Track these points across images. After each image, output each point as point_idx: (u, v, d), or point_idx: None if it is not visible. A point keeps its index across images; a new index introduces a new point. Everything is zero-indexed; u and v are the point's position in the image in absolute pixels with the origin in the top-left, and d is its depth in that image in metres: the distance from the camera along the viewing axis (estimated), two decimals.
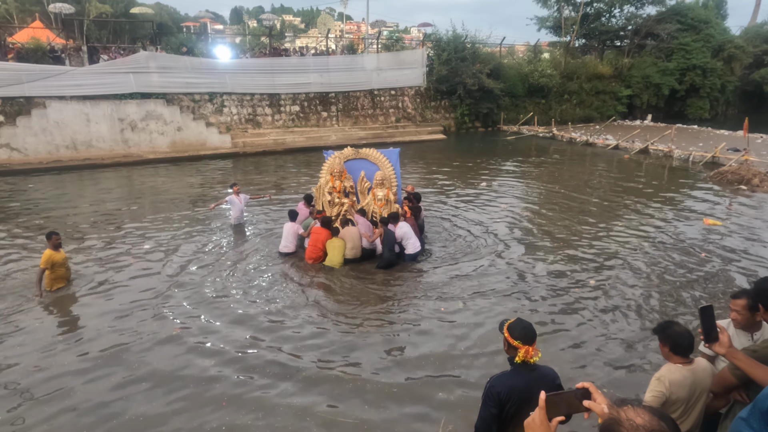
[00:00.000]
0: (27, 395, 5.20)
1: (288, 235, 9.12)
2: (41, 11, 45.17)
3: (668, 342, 2.98)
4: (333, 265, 8.56)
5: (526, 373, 2.98)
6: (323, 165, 9.91)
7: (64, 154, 18.76)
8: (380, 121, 26.84)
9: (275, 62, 24.20)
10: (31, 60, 19.11)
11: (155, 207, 12.76)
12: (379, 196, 9.46)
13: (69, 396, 5.20)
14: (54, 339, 6.33)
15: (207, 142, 21.26)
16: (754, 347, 2.99)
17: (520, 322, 3.05)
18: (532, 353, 2.95)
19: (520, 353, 2.94)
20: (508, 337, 3.00)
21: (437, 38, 28.73)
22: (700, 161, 18.31)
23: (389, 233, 8.61)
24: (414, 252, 8.75)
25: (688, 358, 2.97)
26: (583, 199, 13.43)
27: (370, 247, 8.94)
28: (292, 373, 5.60)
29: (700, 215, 11.70)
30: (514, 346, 2.97)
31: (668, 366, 2.98)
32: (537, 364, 3.02)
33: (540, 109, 29.97)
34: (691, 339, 2.96)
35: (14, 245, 9.87)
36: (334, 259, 8.59)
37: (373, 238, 8.88)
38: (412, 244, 8.72)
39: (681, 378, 2.90)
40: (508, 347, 3.04)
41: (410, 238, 8.72)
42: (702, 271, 8.41)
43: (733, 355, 2.68)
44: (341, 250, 8.63)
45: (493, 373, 3.20)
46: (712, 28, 32.77)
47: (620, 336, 6.39)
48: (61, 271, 7.66)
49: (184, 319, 6.87)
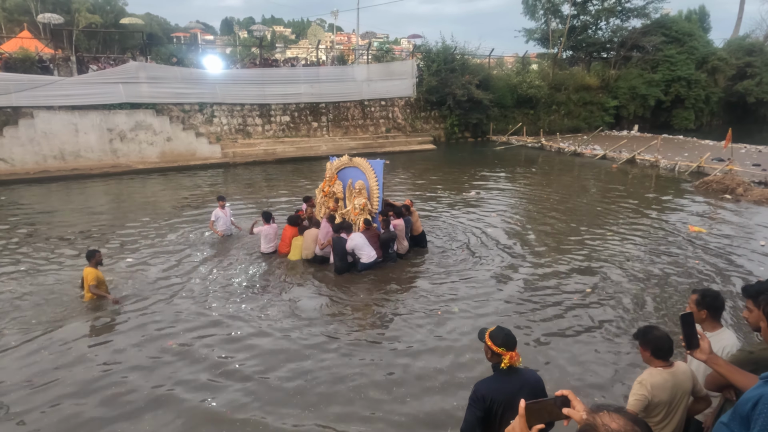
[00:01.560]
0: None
1: (269, 236, 9.72)
2: (30, 21, 44.98)
3: (649, 346, 3.04)
4: (292, 258, 9.39)
5: (510, 377, 3.02)
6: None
7: (51, 164, 18.60)
8: (370, 132, 26.96)
9: (266, 73, 24.27)
10: (19, 70, 18.99)
11: (140, 218, 12.64)
12: (356, 204, 9.58)
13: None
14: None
15: (197, 153, 21.20)
16: (750, 348, 3.04)
17: (501, 330, 3.09)
18: (515, 358, 3.00)
19: (505, 359, 2.99)
20: (492, 345, 3.04)
21: (427, 49, 29.00)
22: (685, 171, 18.59)
23: (339, 242, 8.72)
24: (368, 262, 8.74)
25: (669, 362, 3.03)
26: (572, 208, 13.58)
27: (321, 254, 9.20)
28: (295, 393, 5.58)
29: (687, 223, 11.88)
30: (498, 353, 3.01)
31: (650, 370, 3.03)
32: (520, 368, 3.07)
33: (529, 119, 30.29)
34: (670, 342, 3.02)
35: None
36: (292, 256, 9.44)
37: (323, 245, 9.09)
38: (367, 255, 8.73)
39: (662, 381, 2.95)
40: (491, 355, 3.08)
41: (363, 249, 8.72)
42: (689, 277, 8.53)
43: (714, 362, 2.72)
44: (299, 248, 9.38)
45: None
46: (695, 41, 33.45)
47: (610, 342, 6.45)
48: (103, 287, 7.63)
49: (177, 332, 6.81)
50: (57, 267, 9.13)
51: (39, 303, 7.61)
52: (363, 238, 8.79)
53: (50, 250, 10.02)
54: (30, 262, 9.38)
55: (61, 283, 8.33)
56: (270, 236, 9.76)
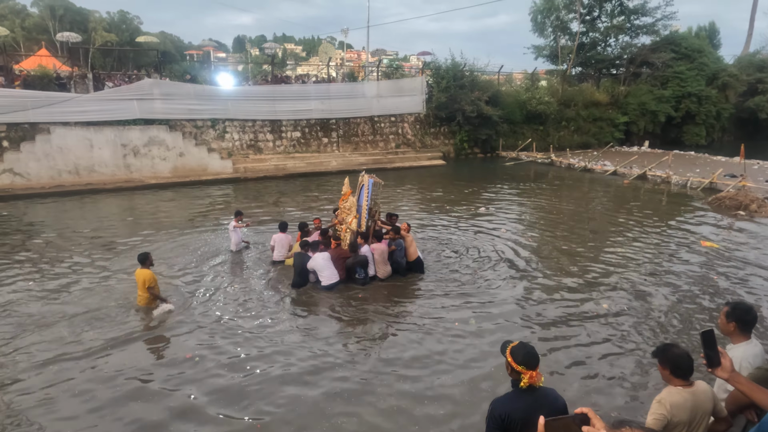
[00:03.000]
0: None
1: (282, 245, 10.05)
2: (47, 39, 46.14)
3: (668, 365, 2.99)
4: (288, 263, 9.74)
5: (529, 395, 2.96)
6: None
7: (66, 179, 18.89)
8: (380, 147, 27.11)
9: (277, 89, 24.59)
10: (37, 87, 19.44)
11: (152, 232, 12.75)
12: (347, 220, 9.67)
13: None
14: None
15: (208, 168, 21.44)
16: (767, 366, 3.00)
17: (523, 347, 3.00)
18: (536, 378, 2.92)
19: (524, 379, 2.92)
20: (511, 362, 2.98)
21: (436, 66, 29.24)
22: (698, 187, 18.44)
23: (300, 258, 8.76)
24: (329, 284, 8.60)
25: (689, 381, 2.98)
26: (584, 224, 13.49)
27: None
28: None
29: (700, 238, 11.77)
30: (518, 371, 2.94)
31: (669, 389, 2.98)
32: (540, 386, 2.99)
33: (538, 135, 30.32)
34: (690, 361, 2.97)
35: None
36: (289, 261, 9.77)
37: (286, 256, 9.84)
38: (327, 276, 8.60)
39: (682, 400, 2.90)
40: (511, 371, 3.01)
41: (323, 270, 8.58)
42: (704, 293, 8.41)
43: (736, 380, 2.67)
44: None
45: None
46: (705, 57, 33.44)
47: (627, 359, 6.35)
48: (156, 288, 7.91)
49: (194, 343, 6.84)
50: (77, 277, 9.23)
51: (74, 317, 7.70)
52: (325, 259, 8.63)
53: (70, 262, 10.13)
54: (57, 274, 9.50)
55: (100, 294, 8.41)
56: (283, 245, 10.07)
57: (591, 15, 33.66)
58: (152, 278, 7.78)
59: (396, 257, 9.24)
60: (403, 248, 9.30)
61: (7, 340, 6.88)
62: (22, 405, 5.43)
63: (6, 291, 8.71)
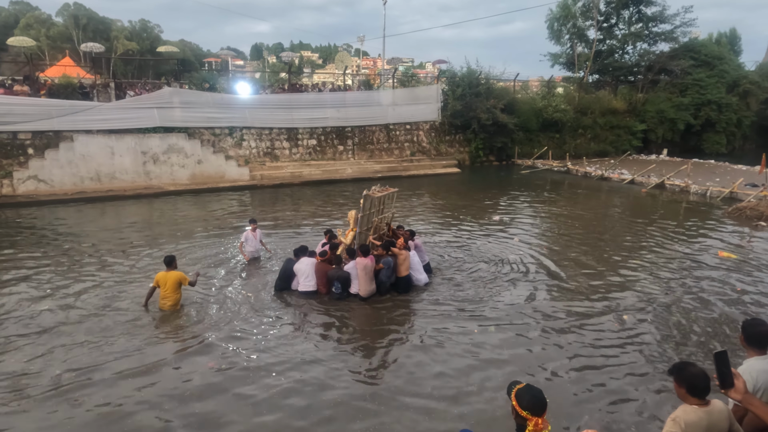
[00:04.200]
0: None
1: (309, 271, 8.80)
2: (71, 48, 47.34)
3: (684, 383, 2.97)
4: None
5: None
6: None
7: (88, 185, 19.32)
8: (395, 155, 27.21)
9: (293, 98, 24.87)
10: (61, 96, 19.95)
11: (169, 238, 12.96)
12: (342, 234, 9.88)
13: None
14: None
15: (226, 175, 21.74)
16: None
17: (529, 390, 2.86)
18: (541, 426, 2.75)
19: (529, 426, 2.74)
20: (516, 406, 2.82)
21: (452, 74, 29.30)
22: (717, 196, 18.16)
23: (287, 262, 9.02)
24: (304, 290, 8.72)
25: (705, 400, 2.96)
26: (601, 234, 13.38)
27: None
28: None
29: (719, 249, 11.60)
30: (523, 416, 2.79)
31: (684, 407, 2.97)
32: None
33: (554, 143, 30.15)
34: (707, 380, 2.95)
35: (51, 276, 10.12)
36: None
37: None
38: (303, 283, 8.74)
39: (697, 419, 2.89)
40: (515, 415, 2.84)
41: (300, 275, 8.75)
42: (725, 305, 8.28)
43: (750, 402, 2.65)
44: None
45: None
46: (726, 64, 33.01)
47: (642, 376, 6.28)
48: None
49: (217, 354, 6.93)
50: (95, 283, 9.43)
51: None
52: (308, 265, 8.70)
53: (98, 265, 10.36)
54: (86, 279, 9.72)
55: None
56: (310, 272, 8.84)
57: (608, 22, 33.50)
58: (185, 277, 8.16)
59: (381, 276, 8.74)
60: (391, 267, 8.78)
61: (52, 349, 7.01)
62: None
63: (37, 296, 8.94)
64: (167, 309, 8.07)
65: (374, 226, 9.79)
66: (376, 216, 9.79)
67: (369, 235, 9.61)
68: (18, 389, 5.93)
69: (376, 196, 9.49)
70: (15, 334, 7.39)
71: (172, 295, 8.05)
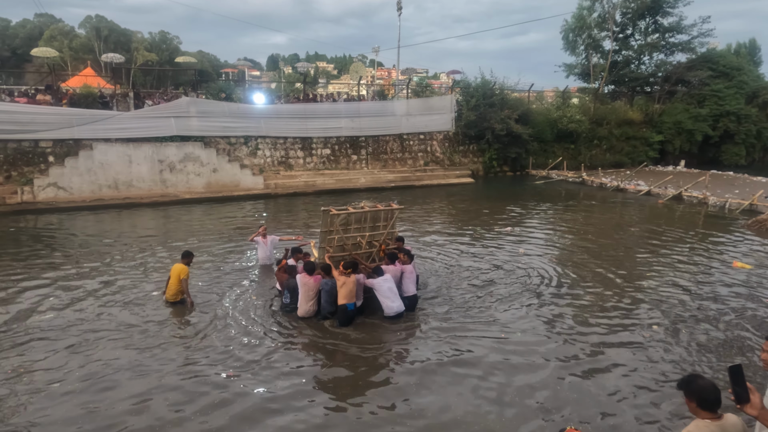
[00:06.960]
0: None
1: (311, 291, 8.21)
2: (93, 59, 48.44)
3: (694, 397, 2.92)
4: None
5: None
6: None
7: (106, 193, 19.66)
8: (409, 165, 27.25)
9: (308, 108, 25.09)
10: (82, 105, 20.41)
11: (183, 244, 13.06)
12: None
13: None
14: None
15: (240, 184, 21.96)
16: None
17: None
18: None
19: None
20: None
21: (466, 84, 29.32)
22: (736, 209, 17.84)
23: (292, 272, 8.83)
24: (285, 301, 8.51)
25: (717, 413, 2.90)
26: (617, 246, 13.21)
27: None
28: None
29: (735, 260, 11.39)
30: None
31: (696, 422, 2.91)
32: None
33: (569, 154, 29.92)
34: (717, 393, 2.89)
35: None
36: None
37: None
38: (286, 295, 8.53)
39: None
40: None
41: (294, 290, 8.35)
42: (742, 319, 8.10)
43: (766, 418, 2.60)
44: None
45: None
46: (745, 75, 32.54)
47: (656, 392, 6.16)
48: (186, 285, 8.82)
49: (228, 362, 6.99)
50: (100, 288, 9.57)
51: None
52: (303, 282, 8.20)
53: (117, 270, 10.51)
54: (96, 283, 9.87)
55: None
56: (311, 292, 8.30)
57: (624, 33, 33.25)
58: (186, 272, 8.70)
59: (321, 299, 8.18)
60: (328, 291, 8.04)
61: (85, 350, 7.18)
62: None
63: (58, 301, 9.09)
64: (169, 299, 8.71)
65: (358, 242, 9.12)
66: (360, 233, 9.09)
67: (329, 252, 8.76)
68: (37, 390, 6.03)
69: (340, 213, 8.60)
70: (36, 338, 7.55)
71: (173, 285, 8.67)
